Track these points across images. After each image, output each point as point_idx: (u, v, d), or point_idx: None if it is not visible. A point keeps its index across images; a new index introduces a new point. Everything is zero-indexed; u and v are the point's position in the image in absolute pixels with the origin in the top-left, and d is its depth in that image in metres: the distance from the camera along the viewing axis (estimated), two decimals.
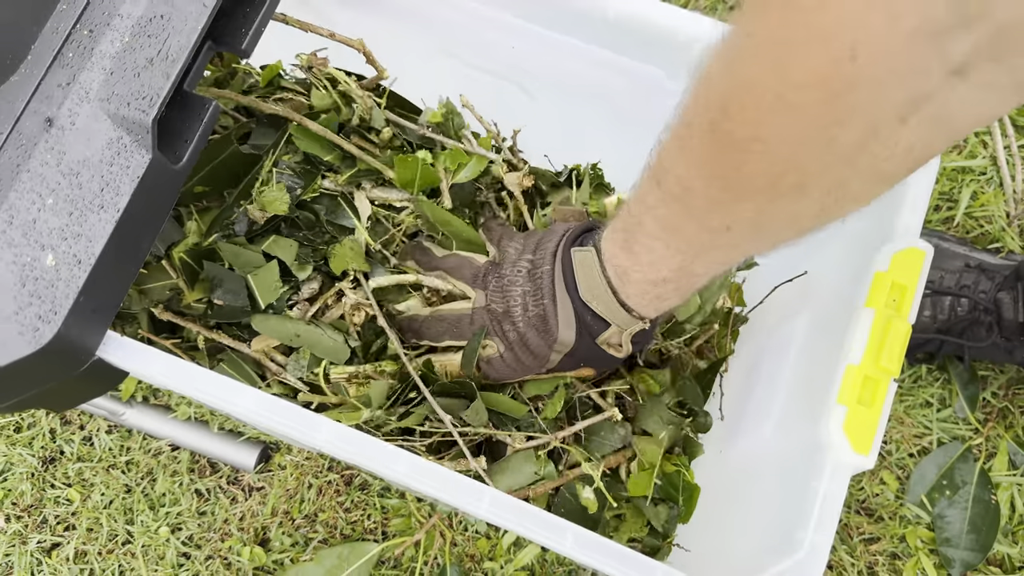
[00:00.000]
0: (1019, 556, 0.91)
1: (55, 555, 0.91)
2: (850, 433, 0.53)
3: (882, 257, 0.57)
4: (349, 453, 0.48)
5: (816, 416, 0.55)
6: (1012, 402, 0.96)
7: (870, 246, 0.59)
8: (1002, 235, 0.99)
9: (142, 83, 0.47)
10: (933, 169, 0.59)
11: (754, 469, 0.66)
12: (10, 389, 0.46)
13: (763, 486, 0.63)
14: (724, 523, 0.66)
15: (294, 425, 0.48)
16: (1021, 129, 1.05)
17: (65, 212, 0.45)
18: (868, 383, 0.53)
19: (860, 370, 0.54)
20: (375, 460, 0.48)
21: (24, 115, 0.46)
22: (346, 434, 0.49)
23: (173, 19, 0.48)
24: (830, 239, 0.62)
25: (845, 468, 0.53)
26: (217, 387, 0.49)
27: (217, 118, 0.49)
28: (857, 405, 0.53)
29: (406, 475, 0.48)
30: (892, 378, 0.54)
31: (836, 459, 0.53)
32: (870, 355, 0.54)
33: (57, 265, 0.44)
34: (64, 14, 0.49)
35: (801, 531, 0.52)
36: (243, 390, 0.48)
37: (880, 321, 0.54)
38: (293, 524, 0.92)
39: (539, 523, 0.49)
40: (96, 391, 0.51)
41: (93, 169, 0.46)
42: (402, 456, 0.49)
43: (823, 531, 0.51)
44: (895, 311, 0.55)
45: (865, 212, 0.63)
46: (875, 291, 0.55)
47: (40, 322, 0.44)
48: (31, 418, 0.96)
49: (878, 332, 0.54)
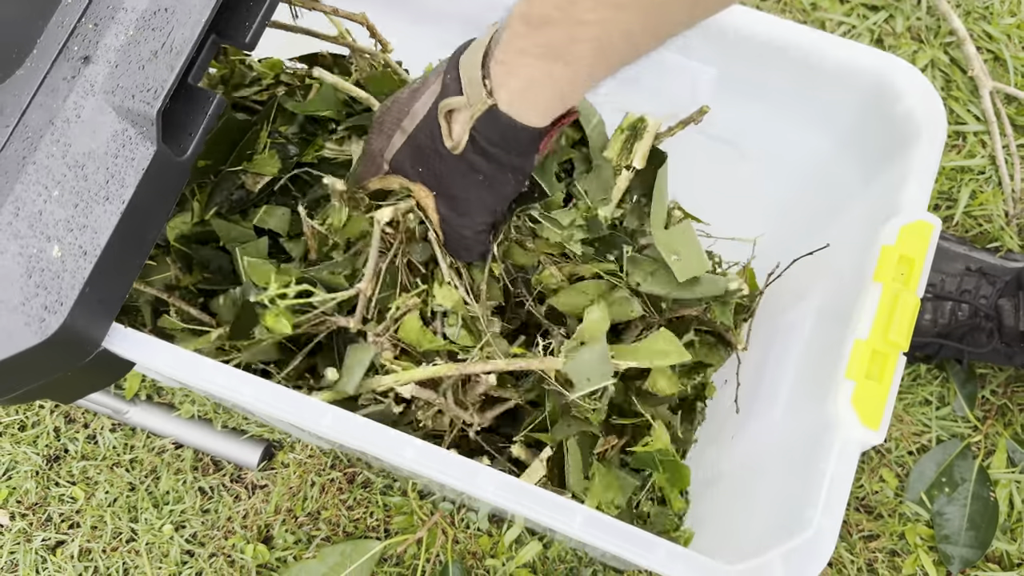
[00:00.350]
0: (1017, 553, 0.91)
1: (60, 553, 0.91)
2: (859, 407, 0.52)
3: (889, 231, 0.56)
4: (353, 437, 0.48)
5: (824, 393, 0.55)
6: (1011, 400, 0.96)
7: (877, 220, 0.58)
8: (1001, 234, 1.00)
9: (147, 76, 0.47)
10: (939, 144, 0.59)
11: (764, 451, 0.65)
12: (17, 379, 0.46)
13: (773, 466, 0.63)
14: (735, 505, 0.65)
15: (296, 411, 0.49)
16: (1020, 129, 1.06)
17: (71, 204, 0.46)
18: (876, 357, 0.53)
19: (868, 344, 0.53)
20: (380, 446, 0.49)
21: (30, 108, 0.47)
22: (349, 419, 0.49)
23: (177, 12, 0.49)
24: (838, 215, 0.62)
25: (854, 443, 0.52)
26: (222, 376, 0.49)
27: (221, 111, 0.50)
28: (866, 380, 0.52)
29: (414, 460, 0.49)
30: (901, 352, 0.53)
31: (845, 434, 0.52)
32: (878, 329, 0.53)
33: (63, 256, 0.45)
34: (69, 8, 0.49)
35: (811, 509, 0.51)
36: (247, 379, 0.49)
37: (888, 295, 0.54)
38: (296, 522, 0.92)
39: (548, 504, 0.49)
40: (102, 382, 0.52)
41: (98, 161, 0.46)
42: (408, 442, 0.49)
43: (833, 509, 0.50)
44: (903, 284, 0.54)
45: (872, 187, 0.64)
46: (882, 265, 0.55)
47: (46, 313, 0.44)
48: (35, 416, 0.96)
49: (886, 306, 0.53)
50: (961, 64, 1.08)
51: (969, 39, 1.06)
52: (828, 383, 0.55)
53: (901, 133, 0.61)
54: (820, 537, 0.50)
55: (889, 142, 0.62)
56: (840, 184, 0.68)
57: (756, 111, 0.69)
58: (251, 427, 0.95)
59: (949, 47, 1.09)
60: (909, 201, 0.57)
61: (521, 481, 0.49)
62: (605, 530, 0.49)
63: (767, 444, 0.65)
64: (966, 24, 1.09)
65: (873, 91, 0.62)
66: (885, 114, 0.62)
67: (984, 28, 1.10)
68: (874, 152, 0.65)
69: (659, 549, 0.49)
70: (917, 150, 0.59)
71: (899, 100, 0.61)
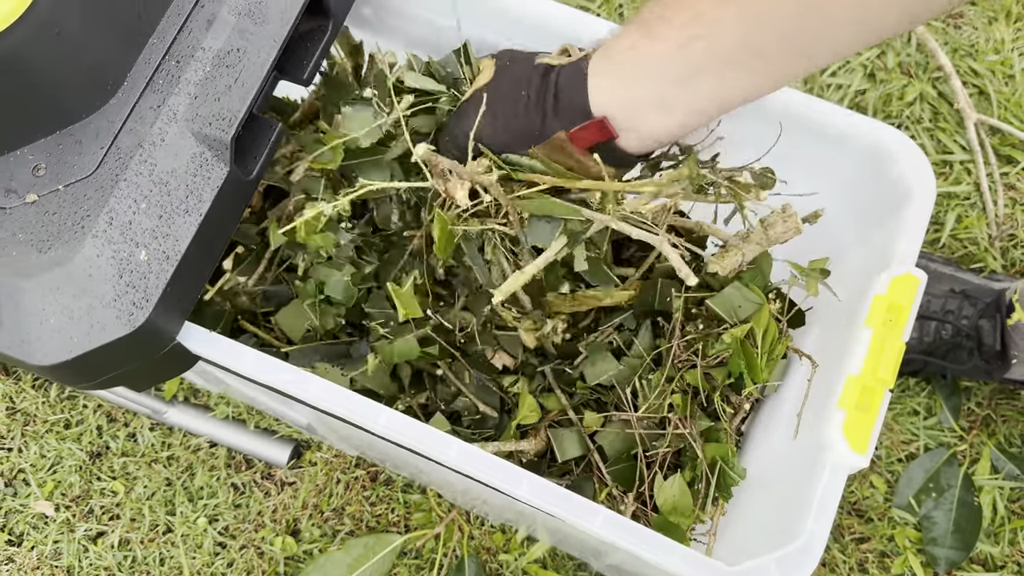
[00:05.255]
0: (1000, 555, 0.97)
1: (100, 543, 0.98)
2: (848, 435, 0.58)
3: (881, 282, 0.63)
4: (406, 438, 0.55)
5: (819, 421, 0.61)
6: (995, 411, 1.02)
7: (871, 271, 0.65)
8: (984, 255, 1.07)
9: (222, 106, 0.55)
10: (929, 205, 0.66)
11: (766, 470, 0.72)
12: (104, 366, 0.53)
13: (773, 484, 0.69)
14: (741, 521, 0.71)
15: (354, 411, 0.55)
16: (1003, 158, 1.13)
17: (156, 215, 0.53)
18: (866, 391, 0.59)
19: (859, 380, 0.59)
20: (426, 444, 0.55)
21: (121, 132, 0.54)
22: (402, 422, 0.56)
23: (248, 52, 0.56)
24: (833, 264, 0.69)
25: (843, 467, 0.58)
26: (285, 373, 0.56)
27: (282, 138, 0.57)
28: (855, 410, 0.59)
29: (456, 461, 0.55)
30: (887, 388, 0.60)
31: (835, 458, 0.58)
32: (868, 367, 0.60)
33: (149, 260, 0.52)
34: (154, 47, 0.57)
35: (801, 522, 0.57)
36: (309, 378, 0.56)
37: (878, 338, 0.60)
38: (322, 516, 0.99)
39: (573, 505, 0.56)
40: (171, 373, 0.58)
41: (179, 179, 0.54)
42: (452, 443, 0.55)
43: (821, 521, 0.57)
44: (891, 330, 0.61)
45: (867, 242, 0.70)
46: (874, 311, 0.61)
47: (134, 308, 0.51)
48: (79, 416, 1.03)
49: (876, 347, 0.60)
50: (948, 97, 1.15)
51: (955, 74, 1.14)
52: (822, 411, 0.61)
53: (893, 193, 0.67)
54: (811, 544, 0.56)
55: (883, 200, 0.69)
56: (836, 236, 0.74)
57: (757, 163, 0.75)
58: (281, 428, 1.01)
59: (937, 81, 1.17)
60: (900, 255, 0.63)
61: (549, 482, 0.56)
62: (626, 530, 0.55)
63: (767, 470, 0.72)
64: (953, 60, 1.17)
65: (870, 155, 0.69)
66: (880, 176, 0.68)
67: (970, 64, 1.17)
68: (869, 209, 0.71)
69: (675, 551, 0.55)
70: (909, 209, 0.65)
71: (893, 163, 0.67)
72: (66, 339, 0.50)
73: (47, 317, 0.51)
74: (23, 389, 1.04)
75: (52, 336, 0.50)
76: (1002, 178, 1.11)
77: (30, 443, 1.01)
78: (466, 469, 0.55)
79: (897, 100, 1.15)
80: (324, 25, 0.62)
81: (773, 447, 0.73)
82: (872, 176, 0.69)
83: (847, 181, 0.72)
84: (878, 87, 1.16)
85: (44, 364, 0.50)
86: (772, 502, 0.67)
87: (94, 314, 0.51)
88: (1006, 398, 1.03)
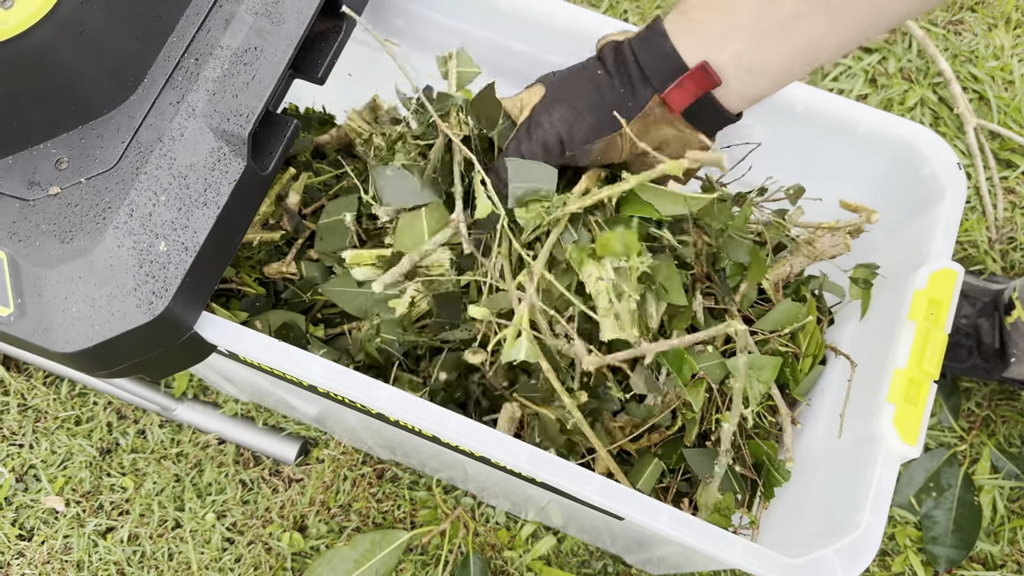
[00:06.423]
0: (999, 554, 0.98)
1: (110, 538, 0.99)
2: (899, 427, 0.60)
3: (920, 277, 0.65)
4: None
5: (868, 414, 0.63)
6: (994, 412, 1.04)
7: (905, 268, 0.67)
8: (984, 257, 1.08)
9: (239, 103, 0.56)
10: (961, 202, 0.67)
11: (810, 465, 0.73)
12: (123, 354, 0.54)
13: (819, 478, 0.70)
14: (786, 514, 0.72)
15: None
16: (1002, 162, 1.14)
17: (175, 208, 0.54)
18: (913, 384, 0.61)
19: (906, 373, 0.61)
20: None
21: (142, 127, 0.56)
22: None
23: (265, 51, 0.58)
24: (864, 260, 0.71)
25: (895, 458, 0.60)
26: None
27: (297, 134, 0.59)
28: (904, 403, 0.60)
29: (526, 464, 0.56)
30: (932, 380, 0.61)
31: (888, 450, 0.60)
32: (914, 360, 0.61)
33: (168, 251, 0.53)
34: (174, 45, 0.58)
35: (858, 513, 0.58)
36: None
37: (921, 332, 0.62)
38: (329, 513, 1.00)
39: (638, 504, 0.57)
40: (187, 362, 0.60)
41: (198, 173, 0.55)
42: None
43: (878, 511, 0.58)
44: (933, 323, 0.63)
45: (897, 239, 0.72)
46: (915, 306, 0.63)
47: (154, 297, 0.53)
48: (90, 412, 1.04)
49: (920, 341, 0.62)
50: (948, 102, 1.17)
51: (955, 80, 1.15)
52: (871, 405, 0.63)
53: (925, 191, 0.69)
54: (869, 533, 0.58)
55: (914, 198, 0.70)
56: (865, 235, 0.75)
57: (790, 164, 0.76)
58: (289, 425, 1.03)
59: (937, 87, 1.18)
60: (936, 251, 0.65)
61: (618, 484, 0.57)
62: (689, 526, 0.57)
63: (813, 459, 0.73)
64: (953, 66, 1.18)
65: (901, 154, 0.70)
66: (912, 174, 0.70)
67: (970, 70, 1.19)
68: (899, 207, 0.72)
69: (737, 545, 0.56)
70: (942, 207, 0.67)
71: (925, 162, 0.69)
72: (87, 327, 0.52)
73: (69, 305, 0.52)
74: (34, 386, 1.05)
75: (74, 324, 0.52)
76: (1001, 182, 1.13)
77: (41, 439, 1.03)
78: (540, 476, 0.57)
79: (898, 105, 1.17)
80: (338, 25, 0.64)
81: (812, 441, 0.74)
82: (903, 174, 0.71)
83: (876, 179, 0.74)
84: (879, 92, 1.18)
85: (66, 351, 0.52)
86: (816, 495, 0.69)
87: (115, 303, 0.52)
88: (1006, 399, 1.04)
